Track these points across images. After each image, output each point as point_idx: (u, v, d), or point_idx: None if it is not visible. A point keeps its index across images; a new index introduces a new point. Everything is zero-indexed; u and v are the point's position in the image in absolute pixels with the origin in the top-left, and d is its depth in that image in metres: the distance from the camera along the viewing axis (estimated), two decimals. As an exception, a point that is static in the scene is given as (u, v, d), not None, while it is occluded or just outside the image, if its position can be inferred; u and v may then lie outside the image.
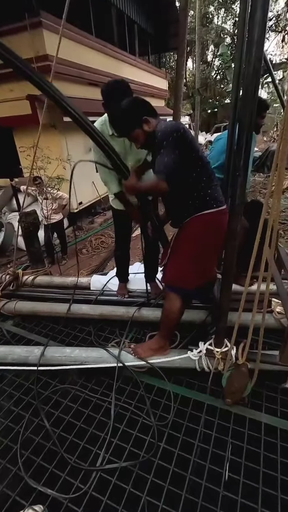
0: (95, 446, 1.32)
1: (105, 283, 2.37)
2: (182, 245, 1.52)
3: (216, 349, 1.51)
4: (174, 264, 1.56)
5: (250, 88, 1.05)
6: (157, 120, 1.42)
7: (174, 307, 1.56)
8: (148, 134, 1.41)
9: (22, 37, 5.59)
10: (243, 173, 1.15)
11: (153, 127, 1.39)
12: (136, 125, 1.40)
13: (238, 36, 1.76)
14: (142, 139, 1.44)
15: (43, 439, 1.37)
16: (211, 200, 1.41)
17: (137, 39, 10.51)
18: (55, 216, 4.87)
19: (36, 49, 5.58)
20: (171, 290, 1.57)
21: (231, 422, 1.39)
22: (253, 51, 0.99)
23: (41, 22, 5.44)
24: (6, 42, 3.72)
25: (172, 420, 1.42)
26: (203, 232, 1.44)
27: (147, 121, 1.39)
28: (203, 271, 1.56)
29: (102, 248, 5.87)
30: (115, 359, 1.63)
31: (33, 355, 1.72)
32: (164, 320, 1.63)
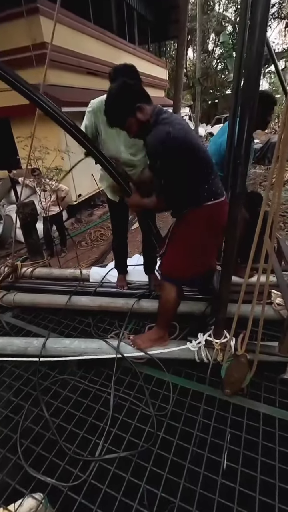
0: (94, 435, 1.33)
1: (104, 275, 2.36)
2: (180, 236, 1.50)
3: (215, 340, 1.51)
4: (170, 255, 1.55)
5: (253, 73, 1.02)
6: (152, 107, 1.31)
7: (170, 297, 1.56)
8: (142, 123, 1.29)
9: (19, 24, 5.45)
10: (244, 162, 1.12)
11: (148, 115, 1.28)
12: (129, 113, 1.28)
13: (240, 21, 1.70)
14: (135, 129, 1.32)
15: (43, 429, 1.38)
16: (210, 192, 1.38)
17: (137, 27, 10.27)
18: (53, 208, 4.83)
19: (33, 37, 5.44)
20: (166, 280, 1.57)
21: (230, 412, 1.40)
22: (255, 34, 0.95)
23: (38, 8, 5.30)
24: (2, 30, 3.72)
25: (171, 410, 1.42)
26: (201, 224, 1.42)
27: (141, 108, 1.27)
28: (199, 262, 1.55)
29: (102, 240, 5.85)
30: (114, 350, 1.63)
31: (32, 346, 1.71)
32: (161, 310, 1.63)
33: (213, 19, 20.34)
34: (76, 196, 6.84)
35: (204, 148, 1.40)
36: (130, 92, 1.27)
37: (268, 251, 1.19)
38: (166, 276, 1.58)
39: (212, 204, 1.39)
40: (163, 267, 1.62)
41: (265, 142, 10.26)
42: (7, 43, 5.52)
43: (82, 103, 5.85)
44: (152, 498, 1.11)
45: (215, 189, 1.40)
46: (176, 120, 1.29)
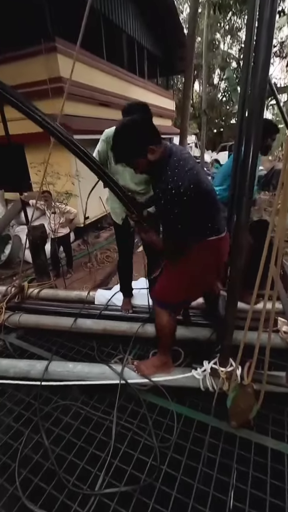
0: (95, 467, 1.28)
1: (110, 298, 2.37)
2: (175, 266, 1.49)
3: (221, 368, 1.48)
4: (163, 280, 1.57)
5: (256, 110, 1.09)
6: (163, 146, 1.26)
7: (163, 321, 1.55)
8: (152, 162, 1.25)
9: (38, 60, 5.89)
10: (248, 193, 1.17)
11: (158, 155, 1.23)
12: (139, 154, 1.23)
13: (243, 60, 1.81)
14: (144, 168, 1.29)
15: (42, 458, 1.34)
16: (211, 230, 1.37)
17: (146, 63, 10.97)
18: (62, 230, 4.94)
19: (50, 72, 5.85)
20: (157, 305, 1.58)
21: (236, 446, 1.35)
22: (258, 74, 1.03)
23: (56, 47, 5.74)
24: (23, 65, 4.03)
25: (175, 442, 1.37)
26: (198, 257, 1.41)
27: (152, 150, 1.21)
28: (191, 290, 1.55)
29: (107, 262, 5.89)
30: (117, 376, 1.61)
31: (35, 369, 1.70)
32: (158, 335, 1.63)
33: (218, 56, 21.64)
34: (84, 219, 7.00)
35: (211, 188, 1.36)
36: (140, 134, 1.21)
37: (274, 277, 1.20)
38: (157, 301, 1.59)
39: (214, 240, 1.38)
40: (155, 292, 1.62)
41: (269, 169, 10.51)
42: (27, 76, 5.94)
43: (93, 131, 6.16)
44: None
45: (217, 227, 1.38)
46: (188, 165, 1.24)
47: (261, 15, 0.99)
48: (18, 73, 5.90)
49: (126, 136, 1.21)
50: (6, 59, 6.02)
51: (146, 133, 1.21)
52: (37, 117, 1.20)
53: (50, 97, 5.83)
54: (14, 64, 6.03)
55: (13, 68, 6.01)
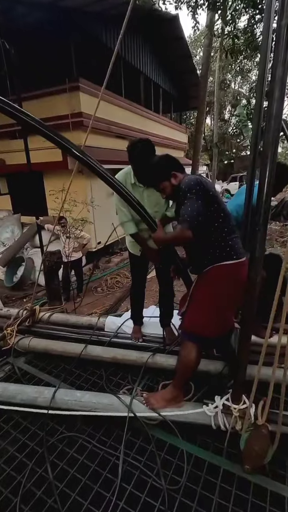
0: (99, 508, 1.21)
1: (120, 325, 2.36)
2: (202, 293, 1.53)
3: (234, 405, 1.42)
4: (193, 312, 1.56)
5: (270, 153, 1.14)
6: (184, 175, 1.56)
7: (191, 356, 1.51)
8: (174, 186, 1.54)
9: (62, 97, 6.39)
10: (263, 229, 1.20)
11: (179, 181, 1.52)
12: (165, 177, 1.55)
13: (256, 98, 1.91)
14: (169, 191, 1.57)
15: (45, 494, 1.28)
16: (231, 251, 1.45)
17: (161, 100, 11.69)
18: (75, 255, 5.04)
19: (72, 107, 6.31)
20: (188, 338, 1.55)
21: (250, 494, 1.26)
22: (271, 124, 1.10)
23: (79, 86, 6.24)
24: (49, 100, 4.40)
25: (185, 485, 1.30)
26: (222, 282, 1.46)
27: (175, 175, 1.54)
28: (221, 320, 1.54)
29: (117, 287, 5.90)
30: (126, 408, 1.56)
31: (43, 396, 1.67)
32: (179, 368, 1.58)
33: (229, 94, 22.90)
34: (96, 243, 7.14)
35: (225, 207, 1.50)
36: (168, 163, 1.58)
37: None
38: (187, 334, 1.56)
39: (233, 264, 1.44)
40: (184, 325, 1.61)
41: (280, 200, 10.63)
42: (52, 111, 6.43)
43: (110, 161, 6.48)
44: None
45: (237, 248, 1.47)
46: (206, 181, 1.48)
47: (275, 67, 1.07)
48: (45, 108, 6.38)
49: (158, 163, 1.60)
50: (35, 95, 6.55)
51: (171, 161, 1.59)
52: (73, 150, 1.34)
53: (71, 130, 6.23)
54: (41, 100, 6.55)
55: (40, 103, 6.52)
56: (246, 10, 6.02)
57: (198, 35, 19.02)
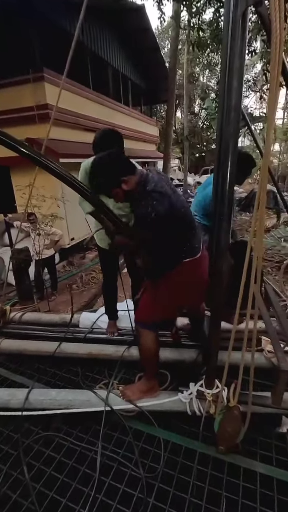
0: (78, 503, 1.21)
1: (95, 320, 2.34)
2: (156, 286, 1.52)
3: (207, 390, 1.47)
4: (145, 302, 1.58)
5: (231, 144, 1.17)
6: (137, 175, 1.34)
7: (148, 342, 1.54)
8: (127, 192, 1.34)
9: (26, 88, 6.09)
10: (227, 218, 1.23)
11: (132, 185, 1.32)
12: (114, 185, 1.33)
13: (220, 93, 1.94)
14: (121, 197, 1.37)
15: (22, 496, 1.25)
16: (187, 252, 1.42)
17: (131, 93, 11.54)
18: (46, 252, 4.88)
19: (37, 99, 6.05)
20: (141, 326, 1.57)
21: (225, 473, 1.31)
22: (231, 114, 1.13)
23: (44, 76, 5.98)
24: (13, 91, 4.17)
25: (163, 472, 1.33)
26: (175, 277, 1.45)
27: (126, 181, 1.31)
28: (173, 309, 1.59)
29: (93, 283, 5.83)
30: (102, 402, 1.56)
31: (16, 398, 1.62)
32: (142, 357, 1.61)
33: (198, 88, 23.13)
34: (69, 240, 6.98)
35: (187, 211, 1.45)
36: (113, 167, 1.32)
37: (255, 296, 1.24)
38: (138, 322, 1.59)
39: (189, 261, 1.42)
40: (137, 314, 1.63)
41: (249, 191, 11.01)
42: (15, 103, 6.12)
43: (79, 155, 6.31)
44: None
45: (192, 248, 1.43)
46: (162, 189, 1.30)
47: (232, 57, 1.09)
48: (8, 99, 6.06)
49: (101, 170, 1.33)
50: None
51: (118, 166, 1.33)
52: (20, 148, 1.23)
53: (37, 122, 5.99)
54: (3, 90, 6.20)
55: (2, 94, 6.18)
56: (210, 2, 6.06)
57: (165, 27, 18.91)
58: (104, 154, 1.35)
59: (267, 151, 1.25)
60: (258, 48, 8.25)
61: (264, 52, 6.61)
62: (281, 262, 5.08)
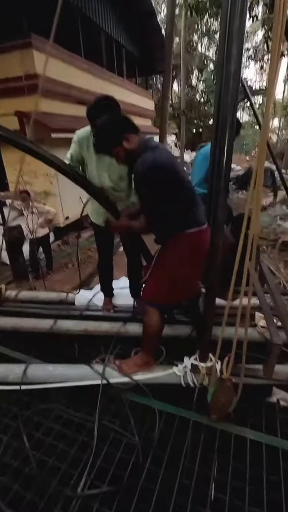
0: (77, 469, 1.27)
1: (91, 298, 2.35)
2: (163, 263, 1.53)
3: (201, 364, 1.51)
4: (153, 281, 1.58)
5: (229, 117, 1.12)
6: (139, 137, 1.40)
7: (153, 322, 1.56)
8: (128, 152, 1.37)
9: (13, 56, 5.73)
10: (224, 193, 1.20)
11: (134, 145, 1.36)
12: (116, 142, 1.36)
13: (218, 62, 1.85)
14: (122, 156, 1.41)
15: (23, 464, 1.30)
16: (192, 220, 1.43)
17: (125, 62, 10.94)
18: (41, 231, 4.82)
19: (26, 68, 5.71)
20: (149, 305, 1.58)
21: (216, 439, 1.38)
22: (230, 83, 1.06)
23: (31, 43, 5.60)
24: None
25: (158, 439, 1.39)
26: (184, 252, 1.45)
27: (128, 138, 1.36)
28: (182, 289, 1.57)
29: (88, 263, 5.82)
30: (99, 376, 1.60)
31: (14, 373, 1.65)
32: (145, 334, 1.63)
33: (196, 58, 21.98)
34: (64, 219, 6.88)
35: (187, 179, 1.47)
36: (118, 124, 1.39)
37: (249, 272, 1.24)
38: (148, 302, 1.59)
39: (195, 232, 1.43)
40: (145, 293, 1.63)
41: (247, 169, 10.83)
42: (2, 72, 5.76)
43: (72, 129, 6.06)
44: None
45: (198, 217, 1.45)
46: (163, 149, 1.39)
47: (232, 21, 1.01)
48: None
49: (105, 126, 1.39)
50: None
51: (122, 123, 1.40)
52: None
53: (26, 94, 5.69)
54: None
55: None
56: None
57: (162, -11, 17.64)
58: (109, 114, 1.44)
59: (266, 125, 1.20)
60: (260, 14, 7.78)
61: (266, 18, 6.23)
62: (276, 241, 5.11)
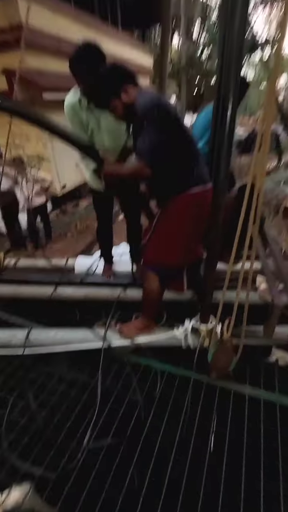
0: (81, 425, 1.32)
1: (90, 265, 2.33)
2: (164, 225, 1.47)
3: (202, 326, 1.51)
4: (155, 243, 1.53)
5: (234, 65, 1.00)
6: (138, 90, 1.31)
7: (153, 286, 1.54)
8: (126, 105, 1.29)
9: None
10: (227, 147, 1.10)
11: (132, 98, 1.28)
12: (113, 94, 1.28)
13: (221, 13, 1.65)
14: (120, 110, 1.32)
15: (29, 421, 1.36)
16: (195, 178, 1.36)
17: (120, 12, 9.94)
18: (37, 199, 4.69)
19: (10, 18, 5.18)
20: (149, 269, 1.55)
21: (216, 395, 1.42)
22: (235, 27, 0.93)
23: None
24: None
25: (159, 397, 1.43)
26: (186, 211, 1.39)
27: (126, 90, 1.27)
28: (183, 252, 1.52)
29: (88, 232, 5.75)
30: (101, 340, 1.62)
31: (16, 338, 1.67)
32: (144, 300, 1.62)
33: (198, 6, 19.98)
34: (61, 187, 6.68)
35: (190, 132, 1.38)
36: (116, 74, 1.30)
37: (252, 236, 1.19)
38: (148, 265, 1.56)
39: (199, 192, 1.36)
40: (146, 256, 1.59)
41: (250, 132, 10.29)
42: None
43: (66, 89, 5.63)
44: (141, 481, 1.11)
45: (202, 175, 1.37)
46: (165, 102, 1.32)
47: None
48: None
49: (101, 77, 1.31)
50: None
51: (118, 71, 1.31)
52: None
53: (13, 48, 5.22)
54: None
55: None
56: None
57: None
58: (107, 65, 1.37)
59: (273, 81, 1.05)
60: None
61: None
62: (279, 206, 4.99)
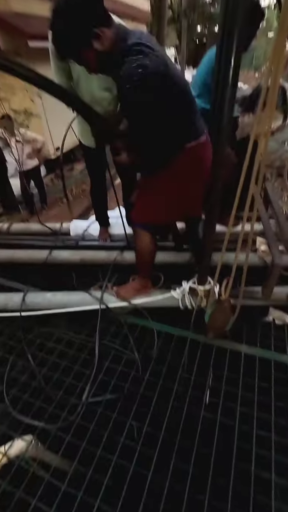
0: (80, 381, 1.35)
1: (86, 228, 2.26)
2: (154, 180, 1.36)
3: (199, 286, 1.49)
4: (141, 199, 1.45)
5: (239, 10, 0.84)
6: (114, 29, 1.00)
7: (144, 243, 1.49)
8: (100, 54, 1.00)
9: None
10: (230, 89, 0.98)
11: (108, 43, 0.99)
12: (82, 43, 0.98)
13: None
14: (94, 63, 1.04)
15: (29, 378, 1.39)
16: (189, 132, 1.22)
17: None
18: (29, 162, 4.46)
19: None
20: (138, 226, 1.49)
21: (213, 353, 1.44)
22: None
23: None
24: None
25: (156, 355, 1.45)
26: (177, 165, 1.27)
27: (99, 36, 0.97)
28: (171, 206, 1.42)
29: (84, 196, 5.59)
30: (98, 302, 1.61)
31: (13, 301, 1.66)
32: (137, 258, 1.59)
33: None
34: (54, 150, 6.35)
35: (185, 83, 1.18)
36: (82, 10, 0.93)
37: (254, 196, 1.11)
38: (137, 222, 1.49)
39: (193, 146, 1.24)
40: (134, 212, 1.51)
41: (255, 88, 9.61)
42: None
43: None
44: (138, 432, 1.16)
45: (194, 129, 1.23)
46: (150, 46, 0.99)
47: None
48: None
49: (65, 16, 0.94)
50: None
51: (88, 10, 0.93)
52: None
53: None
54: None
55: None
56: None
57: None
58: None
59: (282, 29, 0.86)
60: None
61: None
62: (282, 168, 4.79)
